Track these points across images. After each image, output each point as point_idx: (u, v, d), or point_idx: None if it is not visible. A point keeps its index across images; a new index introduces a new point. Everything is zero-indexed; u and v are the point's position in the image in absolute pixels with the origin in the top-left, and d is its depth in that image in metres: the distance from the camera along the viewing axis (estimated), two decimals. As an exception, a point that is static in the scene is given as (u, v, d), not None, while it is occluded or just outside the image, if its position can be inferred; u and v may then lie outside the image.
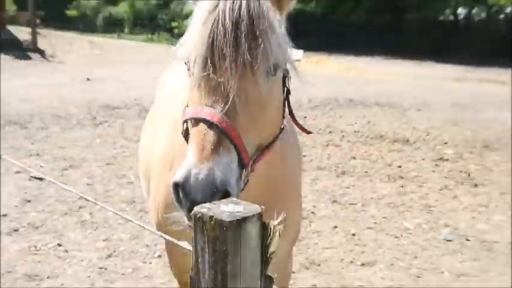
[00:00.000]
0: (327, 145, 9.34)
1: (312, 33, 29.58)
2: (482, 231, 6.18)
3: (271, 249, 1.51)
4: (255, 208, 1.46)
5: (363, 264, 5.26)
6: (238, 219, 1.41)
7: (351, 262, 5.29)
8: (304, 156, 8.29)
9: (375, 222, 6.27)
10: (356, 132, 10.36)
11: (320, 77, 16.68)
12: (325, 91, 14.24)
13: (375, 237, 5.88)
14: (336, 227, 6.09)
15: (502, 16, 38.42)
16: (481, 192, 7.45)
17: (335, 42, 31.78)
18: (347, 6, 38.20)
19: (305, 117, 11.00)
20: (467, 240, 5.93)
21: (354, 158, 8.69)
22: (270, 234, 1.51)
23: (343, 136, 10.03)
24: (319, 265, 5.22)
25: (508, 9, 36.44)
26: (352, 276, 5.02)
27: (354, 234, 5.92)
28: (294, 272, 4.81)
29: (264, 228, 1.48)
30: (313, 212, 6.39)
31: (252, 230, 1.45)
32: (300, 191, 2.87)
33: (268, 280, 1.53)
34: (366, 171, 8.03)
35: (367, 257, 5.41)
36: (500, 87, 19.23)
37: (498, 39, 35.62)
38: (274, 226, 1.51)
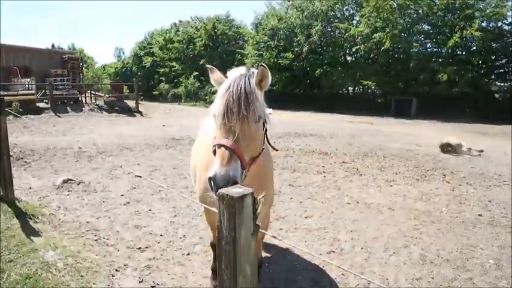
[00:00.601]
0: (286, 156, 9.27)
1: (276, 100, 29.77)
2: (364, 198, 6.13)
3: (258, 211, 1.50)
4: (250, 190, 1.46)
5: (305, 217, 5.17)
6: (241, 196, 1.40)
7: (300, 216, 5.21)
8: (275, 162, 8.28)
9: (311, 195, 6.19)
10: (300, 149, 10.25)
11: (281, 122, 16.71)
12: (284, 129, 14.24)
13: (311, 203, 5.79)
14: (291, 198, 6.01)
15: (369, 91, 39.25)
16: (363, 178, 7.41)
17: (288, 104, 32.02)
18: (292, 87, 38.86)
19: (274, 142, 10.98)
20: (358, 203, 5.87)
21: (300, 162, 8.61)
22: (257, 203, 1.50)
23: (294, 151, 9.94)
24: (283, 218, 5.13)
25: (373, 87, 37.20)
26: (300, 223, 4.95)
27: (301, 202, 5.83)
28: (271, 222, 4.78)
29: (254, 200, 1.47)
30: (280, 191, 6.31)
31: (248, 201, 1.44)
32: (273, 180, 2.84)
33: (256, 226, 1.52)
34: (306, 169, 7.95)
35: (308, 213, 5.33)
36: (371, 125, 19.37)
37: (367, 101, 36.52)
38: (259, 199, 1.50)
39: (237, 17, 56.04)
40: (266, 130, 2.19)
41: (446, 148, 10.78)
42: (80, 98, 21.52)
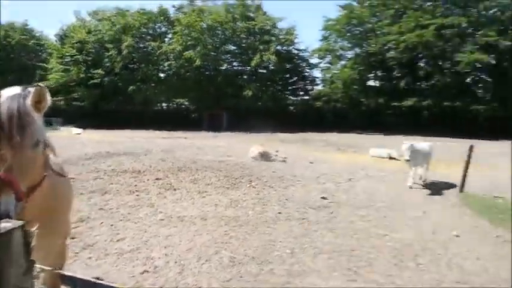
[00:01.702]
0: (96, 178, 8.56)
1: (86, 118, 27.61)
2: (178, 212, 6.18)
3: (32, 244, 1.39)
4: (19, 223, 1.35)
5: (117, 240, 4.83)
6: (7, 230, 1.29)
7: (111, 240, 4.81)
8: (83, 186, 7.60)
9: (124, 217, 5.84)
10: (112, 170, 9.68)
11: (92, 142, 15.62)
12: (94, 149, 13.34)
13: (123, 225, 5.45)
14: (102, 222, 5.53)
15: (183, 106, 40.57)
16: (177, 192, 7.51)
17: (100, 123, 30.15)
18: (103, 103, 36.91)
19: (83, 164, 10.10)
20: (171, 217, 5.85)
21: (111, 183, 8.08)
22: (30, 236, 1.39)
23: (105, 172, 9.30)
24: (91, 246, 4.64)
25: (186, 103, 38.40)
26: (111, 248, 4.57)
27: (112, 225, 5.43)
28: (77, 252, 4.37)
29: (26, 232, 1.36)
30: (88, 217, 5.73)
31: (17, 235, 1.32)
32: (69, 208, 2.52)
33: (31, 262, 1.41)
34: (118, 190, 7.50)
35: (120, 236, 4.97)
36: (185, 140, 19.97)
37: (181, 117, 37.77)
38: (32, 231, 1.40)
39: (37, 27, 49.68)
40: (48, 155, 2.03)
41: (255, 156, 12.10)
42: None
